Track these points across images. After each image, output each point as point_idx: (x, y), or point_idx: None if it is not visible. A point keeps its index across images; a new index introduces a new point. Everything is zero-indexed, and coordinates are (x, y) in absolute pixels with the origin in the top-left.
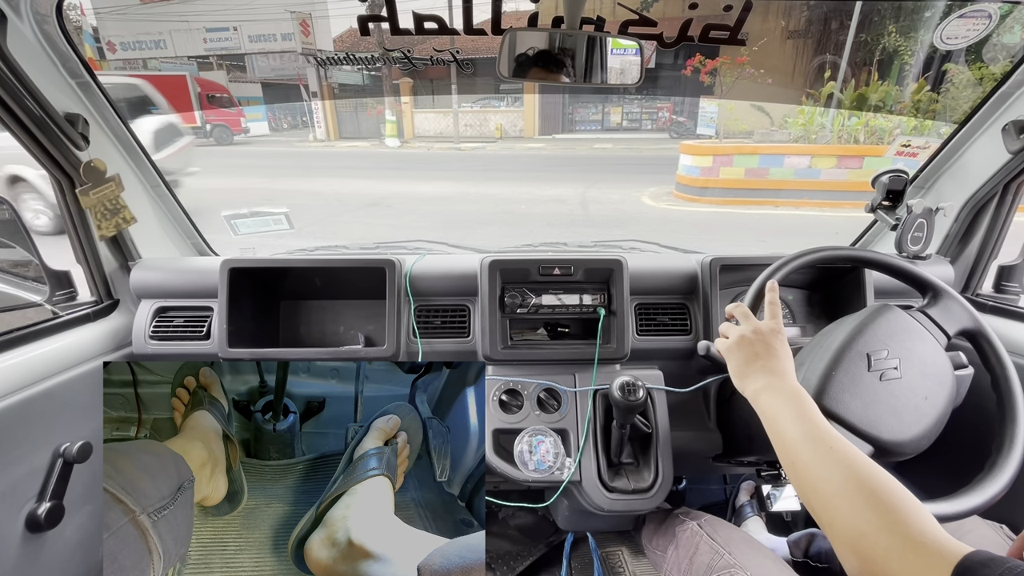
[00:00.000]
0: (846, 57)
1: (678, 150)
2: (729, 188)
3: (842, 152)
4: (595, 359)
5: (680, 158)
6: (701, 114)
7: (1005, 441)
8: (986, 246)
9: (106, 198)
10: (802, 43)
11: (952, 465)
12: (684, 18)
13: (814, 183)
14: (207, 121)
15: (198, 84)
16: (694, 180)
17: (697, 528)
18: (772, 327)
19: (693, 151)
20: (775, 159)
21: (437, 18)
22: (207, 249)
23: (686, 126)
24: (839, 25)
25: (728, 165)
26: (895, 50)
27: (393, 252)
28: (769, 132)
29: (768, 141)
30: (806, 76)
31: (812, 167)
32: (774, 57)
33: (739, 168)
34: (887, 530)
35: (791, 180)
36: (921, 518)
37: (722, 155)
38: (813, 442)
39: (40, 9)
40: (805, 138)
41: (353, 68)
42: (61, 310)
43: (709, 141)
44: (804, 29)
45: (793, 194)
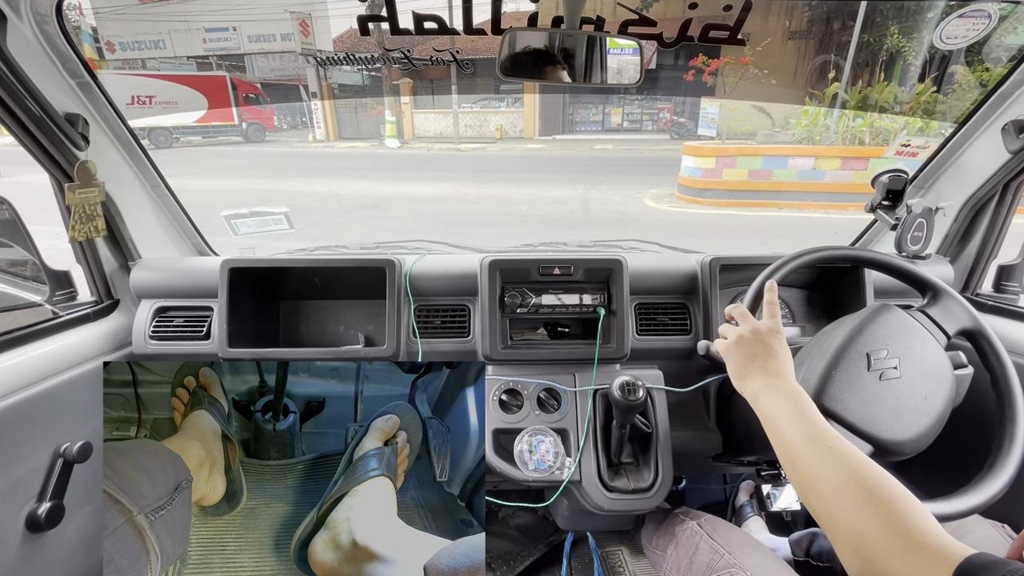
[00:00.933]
0: (850, 58)
1: (679, 151)
2: (732, 190)
3: (847, 153)
4: (595, 359)
5: (682, 159)
6: (702, 115)
7: (1005, 440)
8: (986, 246)
9: (87, 201)
10: (805, 44)
11: (952, 465)
12: (684, 18)
13: (818, 185)
14: (243, 119)
15: (235, 84)
16: (697, 182)
17: (697, 528)
18: (770, 327)
19: (696, 152)
20: (779, 160)
21: (437, 18)
22: (207, 249)
23: (687, 127)
24: (841, 26)
25: (731, 166)
26: (899, 51)
27: (393, 252)
28: (772, 133)
29: (772, 142)
30: (809, 77)
31: (816, 169)
32: (777, 58)
33: (742, 169)
34: (887, 530)
35: (795, 182)
36: (922, 518)
37: (725, 156)
38: (812, 442)
39: (40, 9)
40: (809, 139)
41: (353, 68)
42: (61, 310)
43: (712, 142)
44: (807, 30)
45: (797, 196)
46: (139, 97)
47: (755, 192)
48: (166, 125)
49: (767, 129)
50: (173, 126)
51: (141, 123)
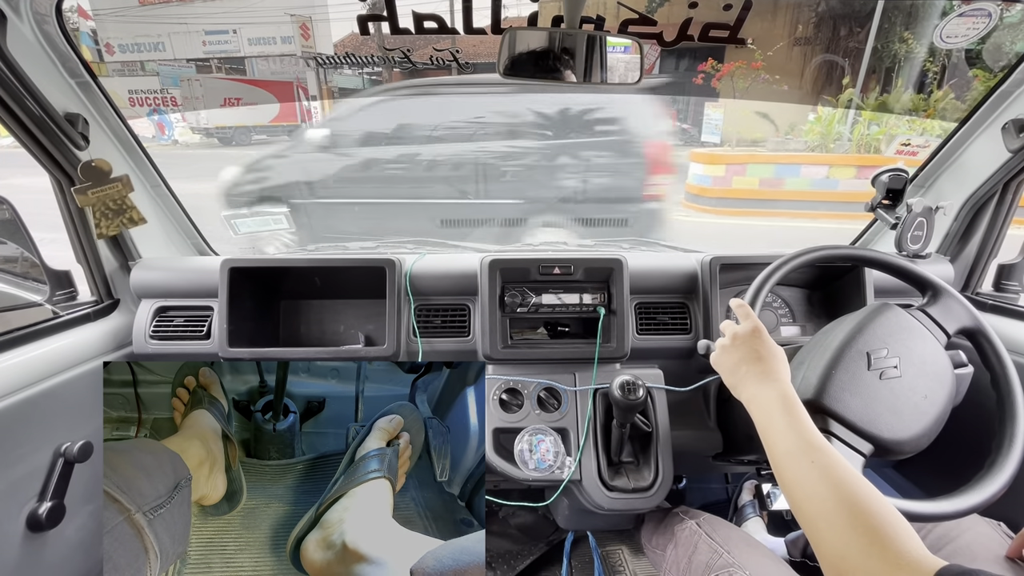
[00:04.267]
0: (865, 63)
1: (683, 157)
2: (742, 198)
3: (862, 162)
4: (595, 358)
5: (690, 167)
6: (706, 121)
7: (1005, 439)
8: (986, 245)
9: (109, 198)
10: (812, 49)
11: (952, 463)
12: (685, 18)
13: (832, 194)
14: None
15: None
16: (705, 190)
17: (696, 527)
18: (747, 329)
19: (705, 160)
20: (791, 169)
21: (437, 17)
22: (207, 249)
23: (690, 133)
24: (848, 31)
25: (741, 175)
26: (915, 56)
27: (393, 251)
28: (784, 140)
29: (783, 150)
30: (818, 82)
31: (830, 177)
32: (788, 62)
33: (753, 178)
34: (866, 552)
35: (808, 191)
36: (901, 536)
37: (735, 164)
38: (796, 457)
39: (40, 9)
40: (822, 147)
41: (353, 72)
42: (61, 310)
43: (719, 149)
44: (814, 35)
45: (810, 205)
46: (230, 99)
47: (766, 201)
48: (248, 124)
49: (774, 136)
50: (253, 125)
51: (229, 122)
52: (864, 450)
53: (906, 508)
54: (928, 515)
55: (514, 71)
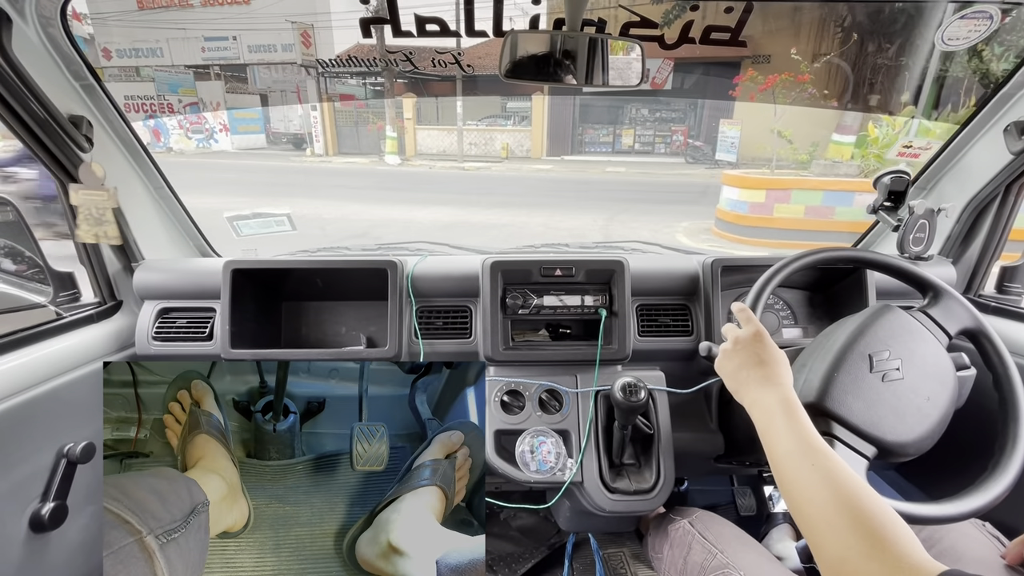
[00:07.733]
0: (929, 80)
1: (696, 176)
2: (785, 228)
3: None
4: (597, 360)
5: (722, 190)
6: (720, 138)
7: (1008, 441)
8: (988, 247)
9: (94, 204)
10: (862, 61)
11: (955, 466)
12: (687, 20)
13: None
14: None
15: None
16: (741, 217)
17: (688, 526)
18: (749, 333)
19: (741, 183)
20: (843, 196)
21: (439, 20)
22: (210, 250)
23: (703, 151)
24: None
25: (785, 201)
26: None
27: (395, 253)
28: (833, 164)
29: (831, 174)
30: (864, 98)
31: None
32: (834, 78)
33: (798, 205)
34: (867, 555)
35: (863, 222)
36: (901, 540)
37: (777, 189)
38: (796, 460)
39: (44, 12)
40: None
41: (356, 82)
42: (65, 311)
43: (758, 172)
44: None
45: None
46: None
47: (814, 232)
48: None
49: (825, 160)
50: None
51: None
52: (867, 453)
53: (910, 511)
54: (932, 518)
55: (516, 73)
